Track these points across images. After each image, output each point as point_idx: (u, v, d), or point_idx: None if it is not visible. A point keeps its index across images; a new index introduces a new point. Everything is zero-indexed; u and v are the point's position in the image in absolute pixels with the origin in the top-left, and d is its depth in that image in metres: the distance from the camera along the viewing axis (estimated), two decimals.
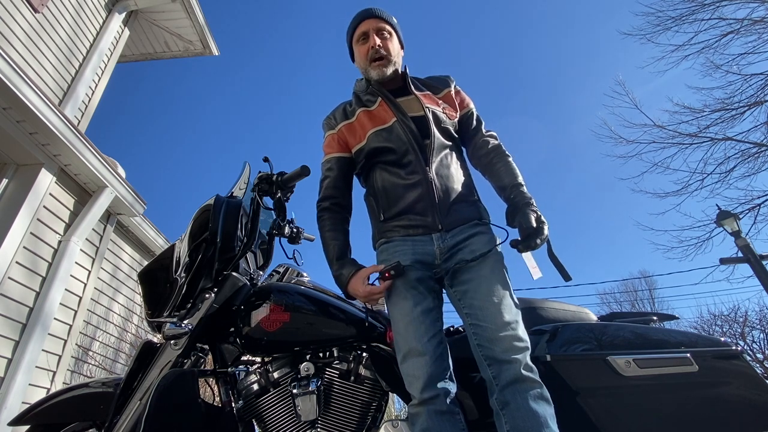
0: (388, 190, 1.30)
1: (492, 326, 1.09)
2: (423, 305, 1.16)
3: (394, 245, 1.25)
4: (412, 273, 1.19)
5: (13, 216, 2.89)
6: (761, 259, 7.00)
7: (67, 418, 1.24)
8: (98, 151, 3.41)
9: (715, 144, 7.89)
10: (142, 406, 1.06)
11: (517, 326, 1.09)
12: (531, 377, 1.03)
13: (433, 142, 1.29)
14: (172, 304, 1.21)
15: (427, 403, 1.04)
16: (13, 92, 2.66)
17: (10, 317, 2.87)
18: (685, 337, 1.21)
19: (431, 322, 1.14)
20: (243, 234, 1.32)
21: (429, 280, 1.21)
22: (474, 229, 1.24)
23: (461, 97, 1.46)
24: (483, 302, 1.12)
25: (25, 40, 3.45)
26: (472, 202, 1.30)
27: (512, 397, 1.02)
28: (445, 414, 1.04)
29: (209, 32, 5.46)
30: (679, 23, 8.10)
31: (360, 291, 1.20)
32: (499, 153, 1.37)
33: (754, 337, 8.91)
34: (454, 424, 1.04)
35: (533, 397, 1.01)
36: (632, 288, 19.43)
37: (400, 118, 1.31)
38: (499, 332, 1.07)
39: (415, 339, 1.11)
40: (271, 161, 1.39)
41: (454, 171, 1.31)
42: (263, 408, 1.21)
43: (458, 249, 1.21)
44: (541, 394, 1.02)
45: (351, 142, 1.38)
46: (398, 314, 1.17)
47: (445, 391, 1.06)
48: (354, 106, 1.41)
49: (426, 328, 1.12)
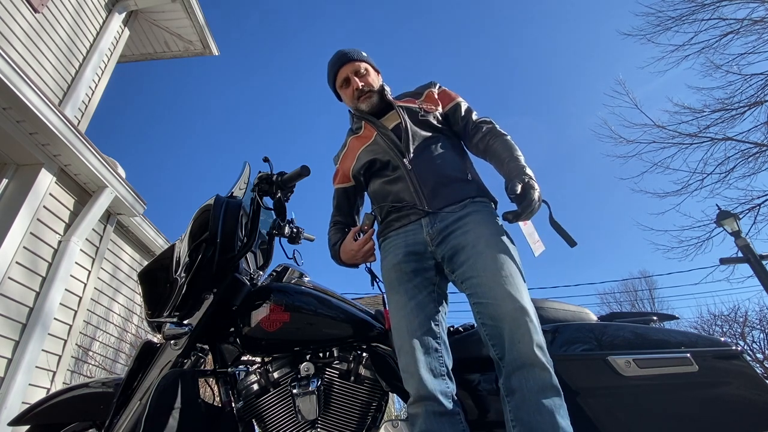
0: (377, 192, 1.39)
1: (492, 301, 1.04)
2: (417, 299, 1.16)
3: (389, 242, 1.30)
4: (405, 266, 1.20)
5: (13, 216, 2.89)
6: (761, 259, 6.99)
7: (67, 418, 1.24)
8: (98, 151, 3.41)
9: (715, 144, 7.89)
10: (142, 406, 1.06)
11: (521, 298, 1.03)
12: (539, 361, 0.97)
13: (409, 134, 1.35)
14: (172, 304, 1.21)
15: (425, 403, 1.02)
16: (13, 92, 2.66)
17: (10, 317, 2.87)
18: (685, 337, 1.21)
19: (426, 316, 1.13)
20: (243, 234, 1.32)
21: (425, 271, 1.21)
22: (465, 209, 1.22)
23: (445, 93, 1.51)
24: (481, 278, 1.08)
25: (25, 40, 3.45)
26: (462, 181, 1.30)
27: (518, 385, 0.97)
28: (444, 415, 1.02)
29: (209, 32, 5.46)
30: (679, 23, 8.10)
31: (349, 249, 1.32)
32: (494, 134, 1.36)
33: (754, 337, 8.92)
34: (453, 426, 1.02)
35: (542, 388, 0.95)
36: (632, 288, 19.44)
37: (380, 131, 1.41)
38: (500, 307, 1.03)
39: (409, 334, 1.10)
40: (271, 161, 1.39)
41: (437, 156, 1.33)
42: (263, 408, 1.21)
43: (450, 232, 1.19)
44: (551, 384, 0.96)
45: (348, 166, 1.48)
46: (393, 309, 1.18)
47: (443, 390, 1.04)
48: (347, 137, 1.57)
49: (420, 323, 1.11)
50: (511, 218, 1.13)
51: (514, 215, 1.11)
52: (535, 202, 1.10)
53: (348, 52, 1.51)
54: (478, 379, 1.23)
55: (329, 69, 1.55)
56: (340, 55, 1.51)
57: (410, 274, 1.19)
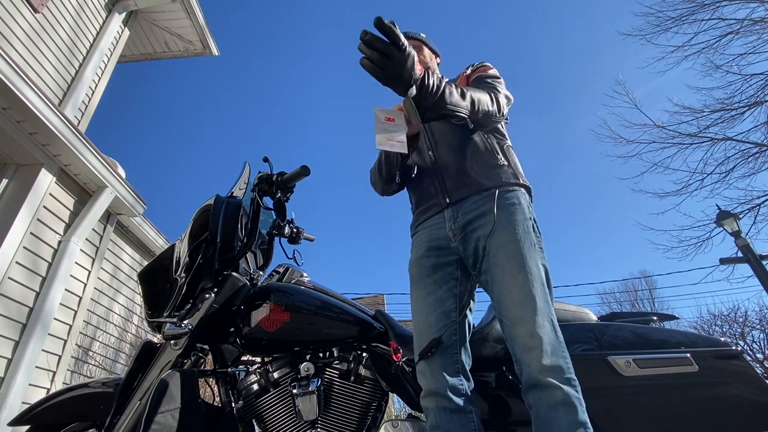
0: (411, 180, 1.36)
1: (508, 322, 1.04)
2: (437, 294, 1.14)
3: (417, 237, 1.29)
4: (426, 261, 1.19)
5: (13, 216, 2.89)
6: (761, 259, 6.99)
7: (67, 418, 1.24)
8: (98, 151, 3.41)
9: (715, 144, 7.89)
10: (142, 406, 1.06)
11: (535, 321, 0.98)
12: (549, 382, 0.94)
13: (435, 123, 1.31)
14: (172, 304, 1.21)
15: (435, 398, 1.01)
16: (13, 92, 2.66)
17: (10, 317, 2.86)
18: (685, 337, 1.21)
19: (444, 312, 1.11)
20: (243, 234, 1.32)
21: (447, 266, 1.17)
22: (489, 203, 1.12)
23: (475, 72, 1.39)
24: (500, 294, 1.06)
25: (25, 40, 3.45)
26: (489, 167, 1.20)
27: (533, 401, 0.97)
28: (454, 412, 1.00)
29: (209, 32, 5.46)
30: (679, 23, 8.11)
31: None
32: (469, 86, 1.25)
33: (754, 337, 8.91)
34: (465, 424, 0.99)
35: (552, 404, 0.93)
36: (632, 288, 19.43)
37: None
38: (514, 329, 1.02)
39: (425, 329, 1.09)
40: (271, 161, 1.39)
41: (461, 142, 1.26)
42: (263, 408, 1.21)
43: (472, 229, 1.13)
44: (563, 400, 0.92)
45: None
46: (413, 304, 1.17)
47: (454, 387, 1.02)
48: None
49: (437, 318, 1.10)
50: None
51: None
52: (434, 86, 0.97)
53: (406, 31, 1.45)
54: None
55: None
56: None
57: (430, 269, 1.17)
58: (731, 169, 7.75)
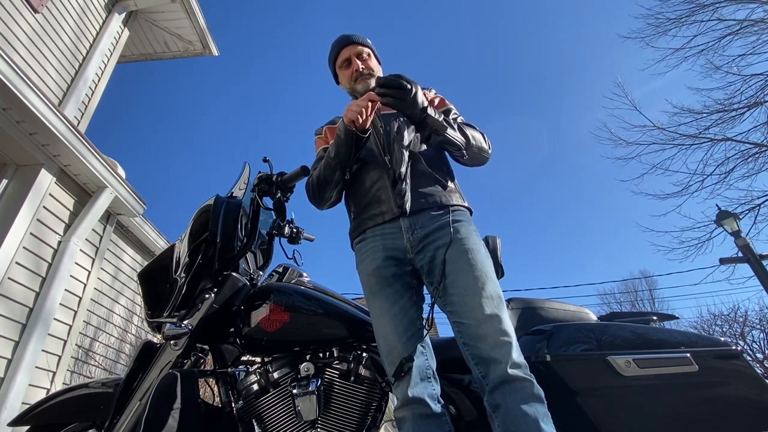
0: (356, 182, 1.35)
1: (474, 322, 1.06)
2: (399, 304, 1.15)
3: (366, 244, 1.27)
4: (385, 271, 1.19)
5: (13, 216, 2.89)
6: (761, 259, 7.00)
7: (67, 419, 1.24)
8: (98, 152, 3.41)
9: (715, 145, 7.90)
10: (142, 406, 1.06)
11: (501, 319, 1.05)
12: (520, 376, 0.99)
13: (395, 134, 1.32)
14: (172, 304, 1.21)
15: (412, 406, 1.03)
16: (13, 93, 2.66)
17: (10, 317, 2.87)
18: (685, 337, 1.21)
19: (410, 321, 1.13)
20: (243, 234, 1.32)
21: (405, 276, 1.20)
22: (446, 217, 1.21)
23: (440, 98, 1.49)
24: (462, 297, 1.09)
25: (25, 40, 3.45)
26: (444, 186, 1.29)
27: (502, 399, 0.98)
28: (430, 417, 1.02)
29: (209, 32, 5.46)
30: (678, 25, 8.11)
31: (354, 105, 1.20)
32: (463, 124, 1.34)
33: (754, 337, 8.92)
34: (440, 427, 1.02)
35: (524, 398, 0.97)
36: (632, 288, 19.42)
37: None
38: (482, 328, 1.04)
39: (396, 340, 1.10)
40: (270, 161, 1.39)
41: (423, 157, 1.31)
42: (263, 408, 1.20)
43: (430, 241, 1.18)
44: (532, 393, 0.98)
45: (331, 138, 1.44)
46: (375, 314, 1.17)
47: (430, 393, 1.05)
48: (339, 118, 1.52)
49: (404, 328, 1.11)
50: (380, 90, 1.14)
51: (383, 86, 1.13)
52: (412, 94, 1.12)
53: (353, 35, 1.50)
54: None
55: (332, 48, 1.52)
56: (346, 36, 1.50)
57: (390, 279, 1.18)
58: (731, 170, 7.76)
